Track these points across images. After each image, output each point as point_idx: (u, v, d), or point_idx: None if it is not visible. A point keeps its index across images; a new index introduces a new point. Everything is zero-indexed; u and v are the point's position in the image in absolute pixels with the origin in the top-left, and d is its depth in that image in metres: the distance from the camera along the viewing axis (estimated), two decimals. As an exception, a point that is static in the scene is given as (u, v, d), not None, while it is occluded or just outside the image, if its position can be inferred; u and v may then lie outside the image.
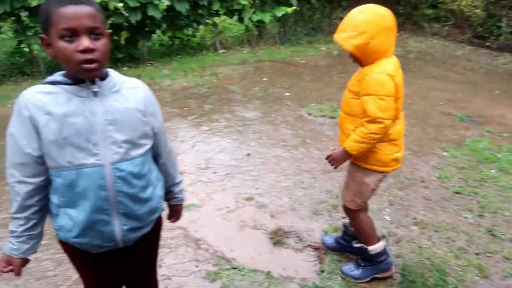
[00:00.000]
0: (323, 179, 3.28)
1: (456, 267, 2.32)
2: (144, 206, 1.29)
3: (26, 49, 6.13)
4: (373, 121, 1.80)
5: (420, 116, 4.68)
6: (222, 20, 8.31)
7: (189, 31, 7.27)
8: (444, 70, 6.78)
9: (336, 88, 5.72)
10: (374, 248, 2.15)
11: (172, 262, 2.34)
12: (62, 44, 1.07)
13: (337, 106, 4.91)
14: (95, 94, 1.17)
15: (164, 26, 6.98)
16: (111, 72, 1.24)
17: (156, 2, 6.26)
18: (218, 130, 4.31)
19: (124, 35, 6.57)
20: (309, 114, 4.73)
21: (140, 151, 1.26)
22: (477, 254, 2.44)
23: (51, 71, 6.43)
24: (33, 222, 1.24)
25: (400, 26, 9.76)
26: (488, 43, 7.99)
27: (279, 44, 8.41)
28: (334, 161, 1.98)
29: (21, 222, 1.22)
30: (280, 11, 7.77)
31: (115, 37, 6.49)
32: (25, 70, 6.36)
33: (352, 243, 2.30)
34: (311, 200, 2.98)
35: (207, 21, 7.32)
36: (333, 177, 3.29)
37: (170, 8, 6.54)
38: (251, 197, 3.01)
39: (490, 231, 2.64)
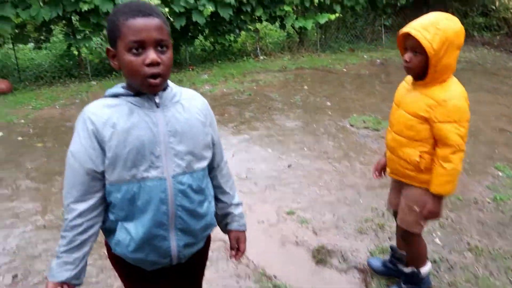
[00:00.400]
0: (367, 195, 3.15)
1: (516, 302, 2.14)
2: (200, 221, 1.25)
3: (75, 52, 6.35)
4: (457, 151, 1.69)
5: (471, 131, 4.40)
6: (263, 26, 8.30)
7: (231, 37, 7.30)
8: (495, 83, 6.42)
9: (379, 99, 5.54)
10: (425, 270, 2.07)
11: (213, 276, 2.30)
12: (130, 57, 1.05)
13: (381, 118, 4.75)
14: (157, 105, 1.14)
15: (206, 31, 7.05)
16: (170, 83, 1.21)
17: (201, 8, 6.33)
18: (259, 138, 4.26)
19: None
20: (352, 126, 4.59)
21: (202, 164, 1.22)
22: (540, 288, 2.24)
23: (97, 74, 6.65)
24: (76, 243, 1.14)
25: (448, 35, 9.40)
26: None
27: (320, 51, 8.30)
28: (433, 214, 1.85)
29: (65, 241, 1.14)
30: (323, 18, 7.67)
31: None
32: (73, 72, 6.60)
33: (399, 266, 2.18)
34: (356, 217, 2.86)
35: (249, 27, 7.32)
36: (378, 194, 3.15)
37: (213, 14, 6.59)
38: (293, 211, 2.93)
39: (554, 263, 2.42)
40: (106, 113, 1.11)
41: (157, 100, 1.14)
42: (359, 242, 2.61)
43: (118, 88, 1.17)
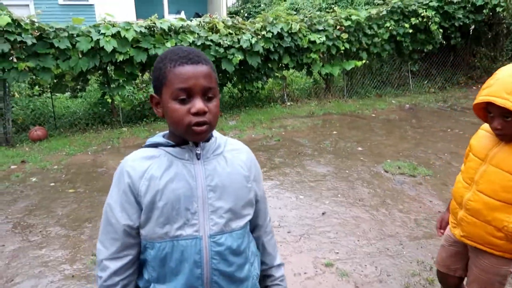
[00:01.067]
0: (411, 246, 2.93)
1: None
2: (239, 287, 1.12)
3: (109, 100, 6.57)
4: None
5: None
6: (290, 73, 8.43)
7: (258, 84, 7.41)
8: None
9: (413, 144, 5.39)
10: None
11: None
12: (175, 105, 1.00)
13: (416, 163, 4.57)
14: (198, 156, 1.07)
15: (235, 79, 7.19)
16: (215, 133, 1.14)
17: (230, 57, 6.50)
18: (290, 184, 4.14)
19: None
20: (386, 172, 4.42)
21: (242, 222, 1.11)
22: None
23: (128, 121, 6.81)
24: None
25: (478, 79, 9.27)
26: None
27: (347, 97, 8.29)
28: None
29: None
30: (350, 65, 7.73)
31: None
32: (106, 119, 6.78)
33: None
34: (401, 271, 2.64)
35: (276, 74, 7.44)
36: (423, 245, 2.93)
37: (242, 62, 6.75)
38: (331, 263, 2.74)
39: None
40: (143, 165, 1.05)
41: (198, 151, 1.07)
42: (407, 299, 2.38)
43: (159, 137, 1.11)
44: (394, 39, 8.26)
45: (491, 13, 8.45)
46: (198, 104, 0.99)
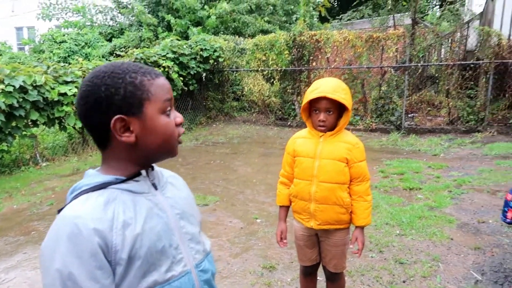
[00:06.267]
0: (238, 263, 3.22)
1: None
2: None
3: None
4: (367, 182, 2.01)
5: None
6: (42, 130, 7.45)
7: (3, 147, 6.19)
8: (267, 148, 7.81)
9: (190, 178, 5.82)
10: None
11: None
12: (166, 118, 0.92)
13: (203, 194, 4.98)
14: (155, 186, 0.98)
15: (-33, 144, 5.75)
16: None
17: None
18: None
19: None
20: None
21: (207, 243, 1.09)
22: None
23: None
24: None
25: (215, 118, 10.86)
26: (289, 123, 9.71)
27: (108, 148, 8.04)
28: (364, 244, 2.07)
29: None
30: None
31: None
32: None
33: None
34: (240, 285, 2.86)
35: (24, 132, 6.43)
36: (246, 257, 3.27)
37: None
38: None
39: None
40: (107, 214, 0.86)
41: (154, 180, 0.99)
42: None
43: (99, 175, 0.93)
44: (142, 87, 8.69)
45: (215, 63, 10.20)
46: (178, 114, 0.96)
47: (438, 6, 17.69)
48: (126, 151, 0.92)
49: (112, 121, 0.88)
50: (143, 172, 0.96)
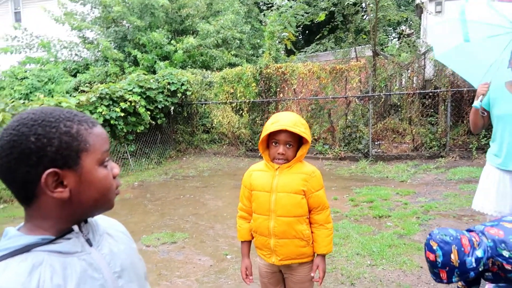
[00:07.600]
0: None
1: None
2: None
3: None
4: (327, 210, 1.98)
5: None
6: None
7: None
8: (238, 180, 7.72)
9: (158, 215, 5.64)
10: None
11: None
12: (104, 170, 0.85)
13: (171, 231, 4.82)
14: (89, 243, 0.89)
15: None
16: None
17: None
18: None
19: None
20: (148, 246, 4.44)
21: None
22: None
23: None
24: None
25: (185, 151, 10.73)
26: (259, 154, 9.71)
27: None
28: (324, 272, 2.01)
29: None
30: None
31: None
32: None
33: None
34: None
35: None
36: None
37: None
38: None
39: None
40: (31, 283, 0.75)
41: (88, 236, 0.90)
42: None
43: (21, 236, 0.81)
44: (108, 123, 8.51)
45: (183, 96, 10.19)
46: (115, 164, 0.89)
47: (396, 39, 18.65)
48: (56, 207, 0.83)
49: (44, 175, 0.79)
50: (76, 227, 0.87)
